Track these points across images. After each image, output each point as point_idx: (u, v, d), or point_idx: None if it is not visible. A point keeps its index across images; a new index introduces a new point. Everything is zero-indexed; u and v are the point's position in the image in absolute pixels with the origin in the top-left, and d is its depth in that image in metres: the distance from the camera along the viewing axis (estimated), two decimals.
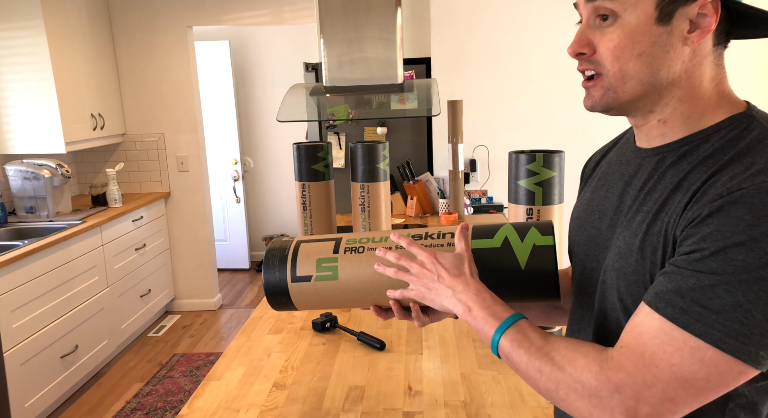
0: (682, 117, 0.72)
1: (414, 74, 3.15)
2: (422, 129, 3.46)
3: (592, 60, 0.73)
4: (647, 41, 0.69)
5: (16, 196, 3.41)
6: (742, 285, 0.59)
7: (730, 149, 0.67)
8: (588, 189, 0.89)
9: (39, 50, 3.29)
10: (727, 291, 0.60)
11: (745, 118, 0.70)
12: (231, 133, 5.17)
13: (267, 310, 1.85)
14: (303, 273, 0.92)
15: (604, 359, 0.68)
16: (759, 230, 0.59)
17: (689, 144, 0.71)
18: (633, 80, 0.71)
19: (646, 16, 0.68)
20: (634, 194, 0.76)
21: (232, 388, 1.37)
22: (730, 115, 0.70)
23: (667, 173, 0.72)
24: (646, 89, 0.71)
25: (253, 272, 5.40)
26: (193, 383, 3.32)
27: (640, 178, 0.76)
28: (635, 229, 0.73)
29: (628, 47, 0.70)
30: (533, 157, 1.37)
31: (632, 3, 0.69)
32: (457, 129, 2.99)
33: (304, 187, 2.00)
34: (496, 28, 3.42)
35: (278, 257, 0.95)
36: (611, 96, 0.73)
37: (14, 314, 2.67)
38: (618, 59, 0.71)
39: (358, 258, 0.90)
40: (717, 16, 0.67)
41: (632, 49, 0.70)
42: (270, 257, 0.96)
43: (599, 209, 0.83)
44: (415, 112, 2.53)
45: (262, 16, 3.95)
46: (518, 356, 0.74)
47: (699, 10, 0.67)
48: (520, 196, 1.42)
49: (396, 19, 2.04)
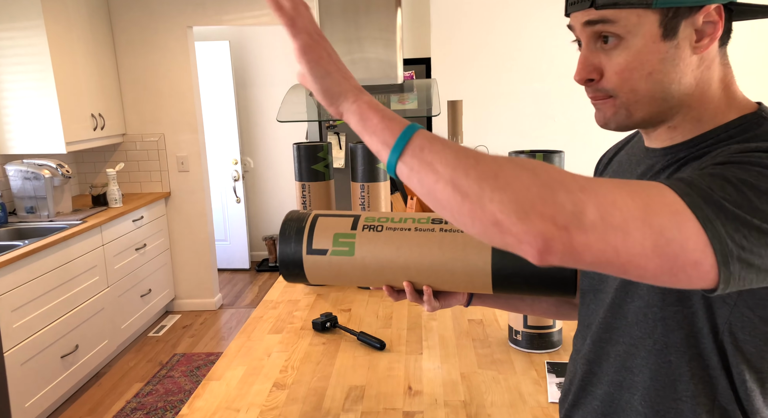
0: (692, 121, 0.71)
1: (414, 74, 3.15)
2: None
3: (600, 87, 0.71)
4: (656, 59, 0.67)
5: (16, 196, 3.41)
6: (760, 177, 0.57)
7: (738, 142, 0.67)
8: None
9: (39, 50, 3.29)
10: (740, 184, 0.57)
11: (756, 119, 0.69)
12: (231, 133, 5.17)
13: (267, 310, 1.85)
14: (319, 246, 0.92)
15: (575, 174, 0.58)
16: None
17: (699, 144, 0.71)
18: (645, 98, 0.69)
19: (651, 35, 0.67)
20: None
21: (233, 388, 1.37)
22: (741, 116, 0.70)
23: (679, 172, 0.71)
24: (659, 104, 0.70)
25: (253, 272, 5.40)
26: (193, 382, 3.32)
27: (649, 178, 0.75)
28: None
29: (637, 69, 0.68)
30: (533, 157, 1.38)
31: (634, 23, 0.67)
32: (457, 129, 2.99)
33: (304, 187, 2.01)
34: (496, 28, 3.42)
35: (295, 229, 0.94)
36: (623, 115, 0.72)
37: (14, 314, 2.67)
38: (628, 81, 0.69)
39: (376, 237, 0.90)
40: (723, 20, 0.66)
41: (641, 69, 0.68)
42: (287, 227, 0.95)
43: None
44: (415, 112, 2.53)
45: (262, 16, 3.95)
46: (445, 148, 0.60)
47: (704, 19, 0.66)
48: None
49: (396, 19, 2.04)
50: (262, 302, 1.93)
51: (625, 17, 0.67)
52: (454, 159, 0.59)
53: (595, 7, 0.68)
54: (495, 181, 0.56)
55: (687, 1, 0.65)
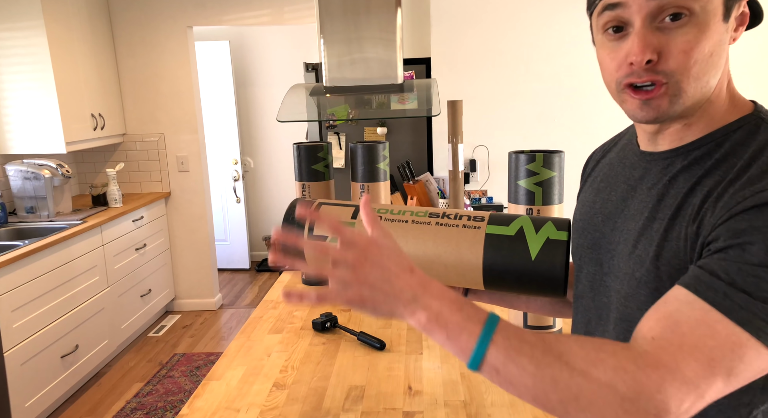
0: (705, 119, 0.71)
1: (414, 74, 3.15)
2: (422, 129, 3.46)
3: (659, 69, 0.67)
4: (716, 39, 0.66)
5: (16, 196, 3.41)
6: None
7: (742, 153, 0.67)
8: (589, 190, 0.88)
9: (39, 50, 3.29)
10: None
11: (754, 120, 0.69)
12: (231, 133, 5.17)
13: (267, 310, 1.85)
14: (320, 232, 0.94)
15: (637, 357, 0.59)
16: None
17: (700, 148, 0.70)
18: (700, 82, 0.67)
19: (715, 13, 0.65)
20: (643, 200, 0.75)
21: (233, 388, 1.37)
22: (739, 117, 0.70)
23: (679, 178, 0.71)
24: (707, 92, 0.68)
25: (253, 272, 5.40)
26: (193, 382, 3.32)
27: (647, 183, 0.75)
28: (652, 236, 0.71)
29: (702, 48, 0.65)
30: (533, 157, 1.38)
31: (706, 1, 0.65)
32: (457, 129, 2.99)
33: (304, 188, 2.00)
34: (496, 28, 3.42)
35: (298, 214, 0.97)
36: (679, 103, 0.68)
37: (14, 314, 2.67)
38: (695, 62, 0.66)
39: None
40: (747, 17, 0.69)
41: (704, 48, 0.66)
42: (291, 211, 0.98)
43: (602, 212, 0.82)
44: (415, 112, 2.53)
45: (262, 16, 3.95)
46: (520, 366, 0.61)
47: (742, 9, 0.68)
48: (520, 196, 1.42)
49: (396, 19, 2.04)
50: (262, 302, 1.93)
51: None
52: (532, 382, 0.61)
53: None
54: (577, 403, 0.59)
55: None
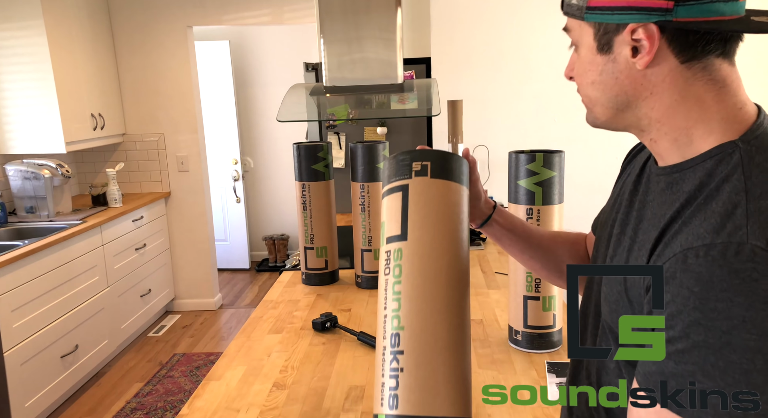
0: (669, 139, 0.69)
1: (414, 74, 3.15)
2: (422, 129, 3.46)
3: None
4: (595, 70, 0.70)
5: (16, 196, 3.41)
6: (715, 370, 0.57)
7: (704, 189, 0.64)
8: (616, 186, 0.87)
9: (39, 50, 3.29)
10: (705, 376, 0.57)
11: (730, 149, 0.64)
12: (231, 133, 5.17)
13: (267, 310, 1.85)
14: None
15: None
16: (708, 305, 0.57)
17: (678, 172, 0.68)
18: (597, 105, 0.73)
19: (589, 47, 0.70)
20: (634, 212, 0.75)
21: (232, 388, 1.37)
22: (718, 144, 0.65)
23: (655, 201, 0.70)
24: (613, 112, 0.72)
25: (253, 272, 5.40)
26: (193, 382, 3.32)
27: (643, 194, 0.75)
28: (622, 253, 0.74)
29: (583, 76, 0.73)
30: (533, 157, 1.38)
31: (579, 34, 0.71)
32: (457, 129, 2.98)
33: (304, 187, 2.00)
34: (496, 28, 3.42)
35: None
36: (591, 116, 0.76)
37: (14, 314, 2.67)
38: (581, 86, 0.74)
39: None
40: (656, 39, 0.64)
41: (586, 77, 0.72)
42: None
43: (611, 216, 0.82)
44: (415, 112, 2.53)
45: (262, 16, 3.95)
46: None
47: (633, 36, 0.65)
48: (520, 196, 1.42)
49: (396, 19, 2.04)
50: (262, 302, 1.93)
51: (574, 27, 0.72)
52: None
53: (563, 12, 0.73)
54: None
55: (611, 18, 0.66)
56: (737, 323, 0.55)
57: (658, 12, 0.63)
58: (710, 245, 0.58)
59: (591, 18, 0.68)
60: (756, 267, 0.56)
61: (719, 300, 0.56)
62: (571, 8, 0.71)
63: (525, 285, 1.46)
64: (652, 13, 0.63)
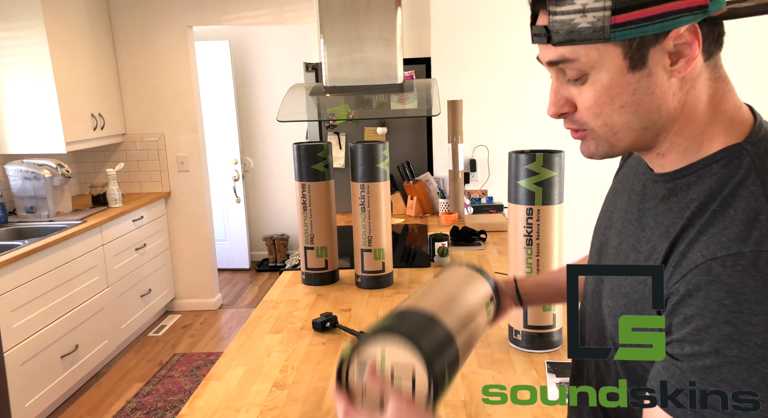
0: (680, 150, 0.66)
1: (414, 74, 3.15)
2: (422, 129, 3.46)
3: (575, 119, 0.68)
4: (627, 92, 0.63)
5: (16, 196, 3.41)
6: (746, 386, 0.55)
7: (717, 196, 0.61)
8: (612, 188, 0.86)
9: (39, 50, 3.29)
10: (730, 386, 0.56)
11: (738, 152, 0.62)
12: (231, 133, 5.17)
13: (267, 310, 1.85)
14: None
15: None
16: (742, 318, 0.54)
17: (682, 178, 0.66)
18: (623, 130, 0.66)
19: (616, 68, 0.62)
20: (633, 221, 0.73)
21: (232, 388, 1.37)
22: (724, 147, 0.63)
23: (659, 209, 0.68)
24: (641, 134, 0.66)
25: (253, 272, 5.40)
26: (193, 382, 3.32)
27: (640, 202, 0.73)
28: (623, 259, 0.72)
29: (607, 103, 0.65)
30: (533, 157, 1.38)
31: (596, 59, 0.63)
32: (457, 129, 2.99)
33: (304, 187, 2.00)
34: (496, 28, 3.42)
35: None
36: (606, 146, 0.68)
37: (14, 313, 2.67)
38: (600, 116, 0.66)
39: None
40: (700, 38, 0.61)
41: (612, 103, 0.64)
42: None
43: (609, 217, 0.80)
44: (415, 112, 2.53)
45: (262, 16, 3.95)
46: None
47: (675, 42, 0.61)
48: (520, 196, 1.42)
49: (396, 19, 2.04)
50: (262, 301, 1.93)
51: (585, 54, 0.63)
52: None
53: (552, 43, 0.64)
54: None
55: (649, 29, 0.60)
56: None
57: (699, 10, 0.59)
58: (738, 254, 0.56)
59: (621, 36, 0.60)
60: None
61: (754, 313, 0.54)
62: (578, 35, 0.62)
63: None
64: (695, 12, 0.59)
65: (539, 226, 1.41)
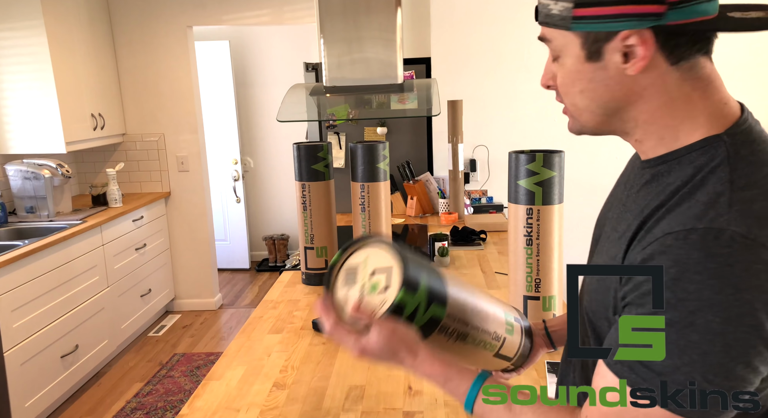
0: (654, 138, 0.70)
1: (414, 74, 3.15)
2: (422, 129, 3.46)
3: (558, 94, 0.76)
4: (585, 78, 0.70)
5: (16, 196, 3.41)
6: (675, 348, 0.59)
7: (690, 181, 0.65)
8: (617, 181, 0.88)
9: (39, 50, 3.29)
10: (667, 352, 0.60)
11: (716, 142, 0.66)
12: (231, 133, 5.17)
13: (267, 310, 1.85)
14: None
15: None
16: (680, 285, 0.58)
17: (663, 164, 0.69)
18: (585, 112, 0.73)
19: (576, 57, 0.69)
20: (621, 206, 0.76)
21: (233, 388, 1.37)
22: (703, 138, 0.67)
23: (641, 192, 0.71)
24: (602, 118, 0.72)
25: (253, 272, 5.40)
26: (193, 382, 3.32)
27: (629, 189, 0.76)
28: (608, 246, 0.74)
29: (569, 85, 0.72)
30: (533, 157, 1.38)
31: (563, 44, 0.70)
32: (457, 129, 2.99)
33: (304, 187, 2.00)
34: (496, 28, 3.42)
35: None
36: (577, 124, 0.76)
37: (14, 314, 2.67)
38: (567, 95, 0.73)
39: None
40: (650, 43, 0.64)
41: (573, 86, 0.71)
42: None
43: (609, 208, 0.83)
44: (415, 112, 2.53)
45: (262, 16, 3.95)
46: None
47: (624, 42, 0.65)
48: (520, 196, 1.42)
49: (396, 19, 2.04)
50: (262, 301, 1.93)
51: (555, 38, 0.71)
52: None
53: (537, 21, 0.72)
54: None
55: (601, 26, 0.65)
56: (704, 305, 0.57)
57: (650, 17, 0.63)
58: (691, 229, 0.60)
59: (578, 28, 0.67)
60: (732, 252, 0.57)
61: (691, 282, 0.58)
62: (551, 19, 0.69)
63: (525, 285, 1.46)
64: (644, 19, 0.63)
65: (539, 226, 1.41)
